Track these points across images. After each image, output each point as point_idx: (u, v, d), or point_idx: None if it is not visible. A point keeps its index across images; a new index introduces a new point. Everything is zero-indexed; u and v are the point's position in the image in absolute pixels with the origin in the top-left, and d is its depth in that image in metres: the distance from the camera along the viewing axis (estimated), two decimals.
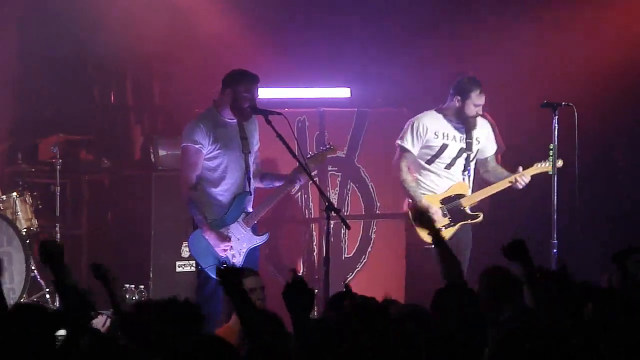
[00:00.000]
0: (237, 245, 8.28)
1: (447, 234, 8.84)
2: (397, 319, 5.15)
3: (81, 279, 10.09)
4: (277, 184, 8.33)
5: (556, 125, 8.59)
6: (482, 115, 8.99)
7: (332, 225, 7.74)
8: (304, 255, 9.75)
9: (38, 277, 9.66)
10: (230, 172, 8.22)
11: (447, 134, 8.98)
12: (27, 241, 9.50)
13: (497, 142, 9.13)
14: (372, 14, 10.55)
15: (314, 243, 9.76)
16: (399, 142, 8.97)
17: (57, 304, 9.62)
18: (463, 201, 8.98)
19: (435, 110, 9.03)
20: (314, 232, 9.76)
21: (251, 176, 8.29)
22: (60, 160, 9.74)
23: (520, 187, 8.94)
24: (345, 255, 9.84)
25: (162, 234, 9.52)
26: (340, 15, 10.52)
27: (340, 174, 9.88)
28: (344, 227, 7.70)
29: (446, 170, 8.99)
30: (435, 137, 8.95)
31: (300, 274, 5.29)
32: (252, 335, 4.95)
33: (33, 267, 9.57)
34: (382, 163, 10.00)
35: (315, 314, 8.66)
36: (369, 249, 9.95)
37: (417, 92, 10.62)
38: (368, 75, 10.37)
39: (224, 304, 7.46)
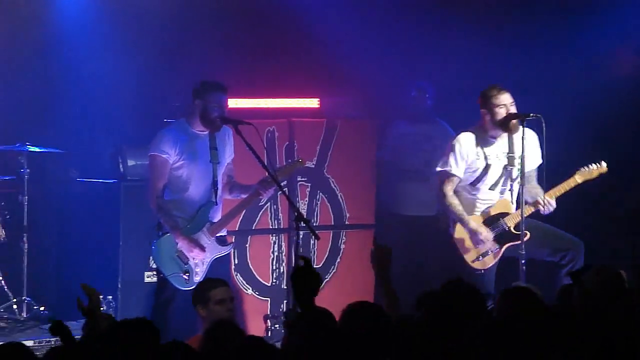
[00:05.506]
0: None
1: (493, 258, 8.55)
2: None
3: (49, 289, 10.11)
4: (244, 195, 8.32)
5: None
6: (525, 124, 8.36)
7: (301, 236, 7.73)
8: (273, 266, 9.73)
9: (5, 287, 9.59)
10: (195, 183, 8.23)
11: (489, 154, 8.55)
12: None
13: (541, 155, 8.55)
14: (341, 24, 10.56)
15: (283, 253, 9.75)
16: (439, 168, 8.59)
17: (24, 314, 9.56)
18: (507, 220, 8.58)
19: (472, 130, 8.59)
20: (283, 243, 9.75)
21: (219, 187, 8.28)
22: (28, 171, 9.69)
23: (545, 211, 8.43)
24: (314, 266, 9.80)
25: (130, 244, 9.45)
26: (309, 26, 10.53)
27: (309, 184, 9.87)
28: (313, 237, 7.70)
29: (490, 190, 8.56)
30: (477, 157, 8.54)
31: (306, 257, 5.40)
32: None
33: (0, 278, 9.50)
34: (352, 173, 10.01)
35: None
36: (338, 259, 9.94)
37: (387, 103, 10.65)
38: (337, 86, 10.37)
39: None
